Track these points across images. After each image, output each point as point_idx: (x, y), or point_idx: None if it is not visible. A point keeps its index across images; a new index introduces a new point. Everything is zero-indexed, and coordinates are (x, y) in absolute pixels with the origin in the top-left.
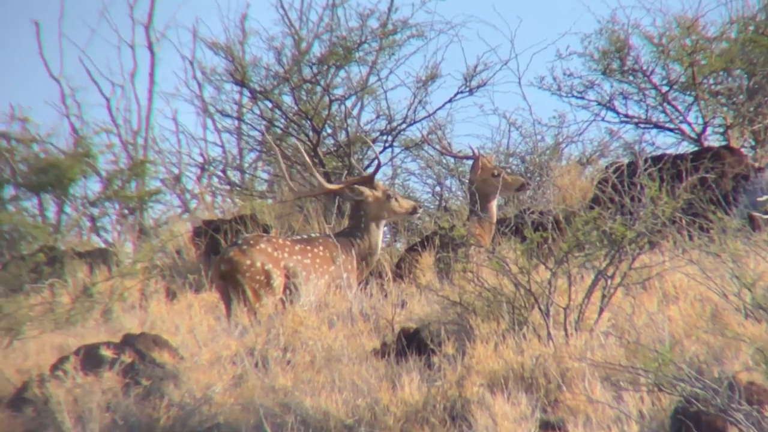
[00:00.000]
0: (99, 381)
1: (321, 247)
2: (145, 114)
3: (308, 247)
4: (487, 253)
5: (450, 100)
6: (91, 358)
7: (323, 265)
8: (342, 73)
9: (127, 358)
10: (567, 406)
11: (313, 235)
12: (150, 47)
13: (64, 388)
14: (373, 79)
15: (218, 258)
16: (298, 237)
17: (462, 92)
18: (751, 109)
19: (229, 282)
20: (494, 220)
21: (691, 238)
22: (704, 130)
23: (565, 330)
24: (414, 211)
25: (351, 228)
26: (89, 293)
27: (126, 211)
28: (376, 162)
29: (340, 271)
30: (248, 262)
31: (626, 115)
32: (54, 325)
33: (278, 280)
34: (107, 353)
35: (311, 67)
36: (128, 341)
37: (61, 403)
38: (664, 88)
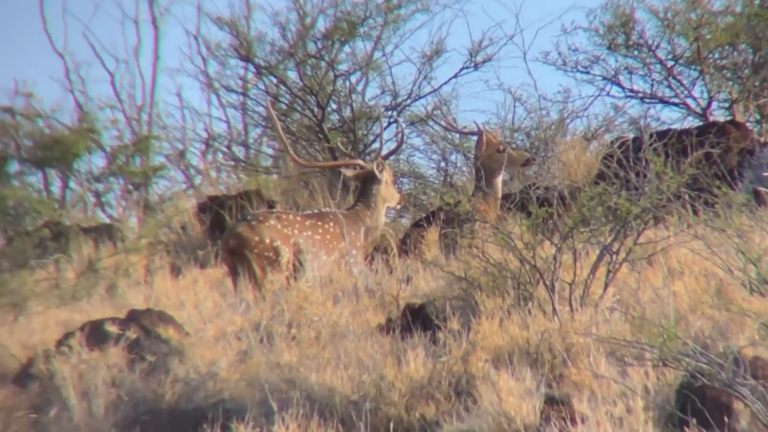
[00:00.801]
0: (104, 357)
1: (332, 223)
2: (149, 90)
3: (319, 223)
4: (492, 228)
5: (455, 76)
6: (96, 334)
7: (333, 241)
8: (346, 49)
9: (132, 333)
10: (572, 381)
11: (324, 210)
12: (154, 22)
13: (70, 364)
14: (377, 54)
15: (227, 233)
16: (309, 212)
17: (467, 67)
18: (757, 83)
19: (237, 257)
20: (499, 195)
21: (696, 213)
22: (709, 104)
23: (570, 305)
24: (400, 202)
25: (362, 204)
26: (94, 269)
27: (131, 187)
28: (398, 140)
29: (349, 248)
30: (257, 238)
31: (631, 90)
32: (59, 301)
33: (286, 257)
34: (112, 329)
35: (316, 43)
36: (133, 317)
37: (67, 378)
38: (669, 63)
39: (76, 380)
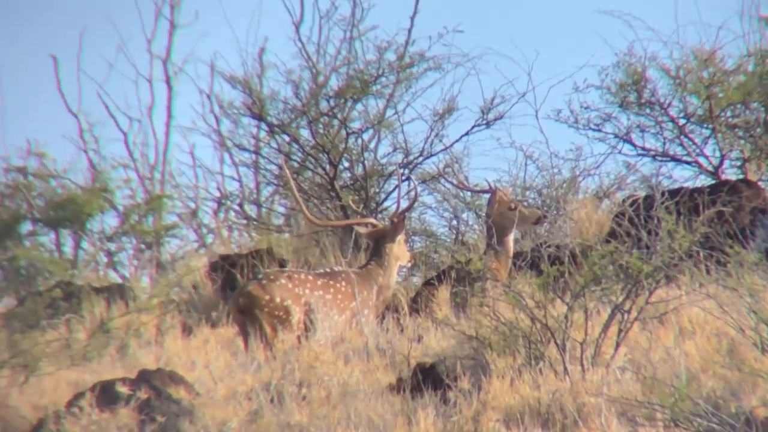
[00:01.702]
0: (115, 417)
1: (343, 282)
2: (162, 148)
3: (331, 282)
4: (504, 287)
5: (467, 133)
6: (106, 395)
7: (344, 300)
8: (359, 107)
9: (142, 394)
10: None
11: (336, 268)
12: (168, 81)
13: (80, 424)
14: (390, 112)
15: (238, 292)
16: (321, 271)
17: (479, 125)
18: None
19: (248, 316)
20: (511, 253)
21: (708, 272)
22: (721, 163)
23: (582, 365)
24: (411, 260)
25: (374, 263)
26: (106, 329)
27: (143, 246)
28: (411, 198)
29: (360, 307)
30: (267, 297)
31: (643, 148)
32: (70, 361)
33: (297, 317)
34: (123, 389)
35: (328, 101)
36: (144, 377)
37: None
38: (681, 121)
39: None
